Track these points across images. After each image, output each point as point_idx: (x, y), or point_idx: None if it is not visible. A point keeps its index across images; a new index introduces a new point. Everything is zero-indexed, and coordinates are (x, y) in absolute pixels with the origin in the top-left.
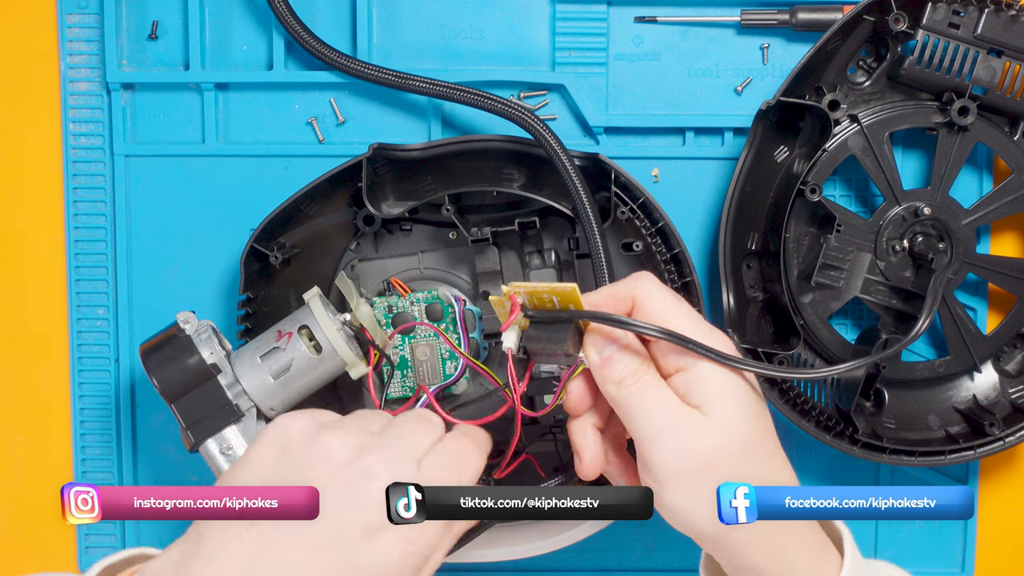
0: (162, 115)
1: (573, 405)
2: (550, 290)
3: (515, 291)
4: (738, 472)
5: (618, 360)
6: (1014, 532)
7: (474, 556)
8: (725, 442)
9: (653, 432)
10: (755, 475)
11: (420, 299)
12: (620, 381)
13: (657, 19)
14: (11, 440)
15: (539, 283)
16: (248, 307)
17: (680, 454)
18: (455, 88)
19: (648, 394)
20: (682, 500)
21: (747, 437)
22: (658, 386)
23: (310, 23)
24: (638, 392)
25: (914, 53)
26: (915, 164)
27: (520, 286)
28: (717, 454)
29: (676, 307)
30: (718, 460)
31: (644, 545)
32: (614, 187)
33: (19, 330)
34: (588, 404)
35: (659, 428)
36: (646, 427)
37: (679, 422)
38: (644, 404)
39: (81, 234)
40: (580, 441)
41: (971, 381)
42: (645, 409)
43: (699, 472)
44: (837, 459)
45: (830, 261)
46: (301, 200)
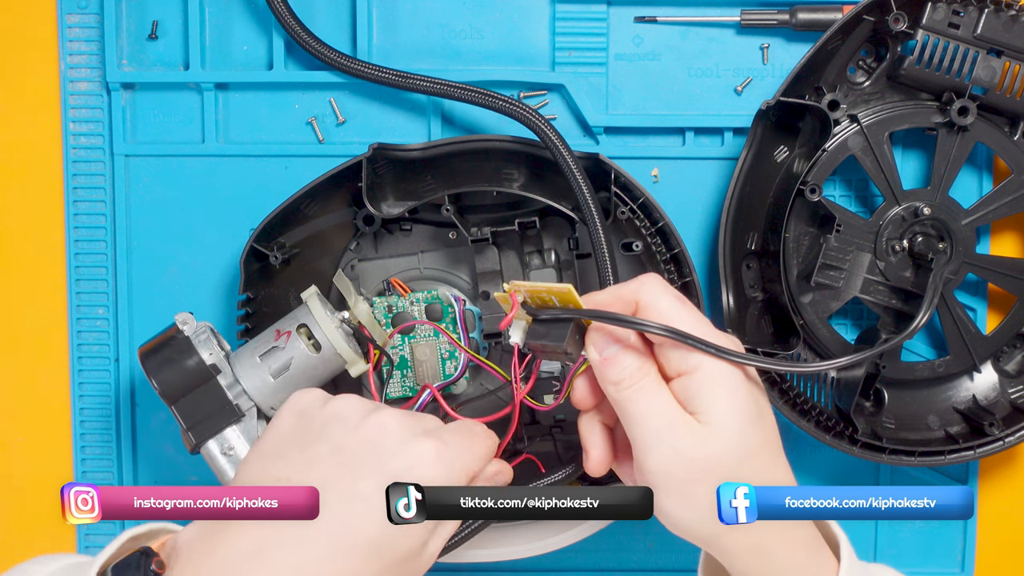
0: (162, 115)
1: (579, 400)
2: (548, 290)
3: (516, 289)
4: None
5: (618, 361)
6: (1014, 532)
7: (474, 556)
8: (721, 451)
9: (648, 437)
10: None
11: (420, 299)
12: (619, 382)
13: (657, 19)
14: (11, 440)
15: (538, 283)
16: (248, 307)
17: (673, 461)
18: (457, 86)
19: (646, 398)
20: (675, 506)
21: (745, 447)
22: (657, 390)
23: (310, 23)
24: (636, 395)
25: (914, 53)
26: (915, 164)
27: (520, 285)
28: (712, 463)
29: (681, 310)
30: (713, 469)
31: (644, 545)
32: (614, 187)
33: (19, 330)
34: (593, 400)
35: (654, 433)
36: (641, 431)
37: (674, 429)
38: (641, 408)
39: (81, 234)
40: (588, 438)
41: (971, 381)
42: (641, 413)
43: (693, 479)
44: (837, 459)
45: (830, 261)
46: (301, 200)
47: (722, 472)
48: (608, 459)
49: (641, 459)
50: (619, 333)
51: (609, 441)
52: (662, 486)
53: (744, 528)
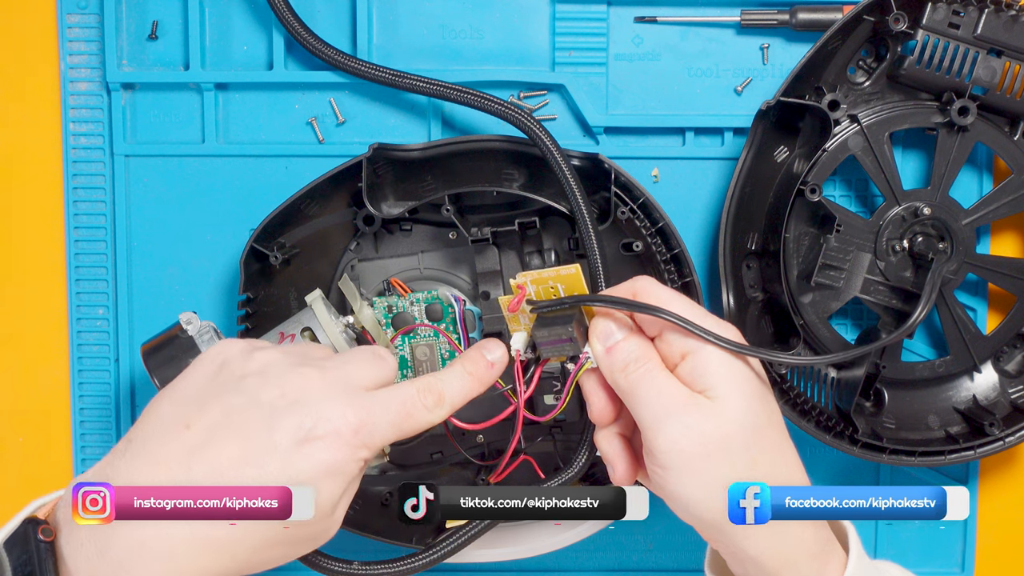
0: (162, 115)
1: (598, 415)
2: (555, 275)
3: (522, 281)
4: (745, 458)
5: (622, 347)
6: (1014, 532)
7: (474, 556)
8: (731, 426)
9: (658, 417)
10: (762, 463)
11: (420, 299)
12: (625, 367)
13: (657, 19)
14: (11, 440)
15: (544, 269)
16: (248, 307)
17: (684, 439)
18: (452, 88)
19: (653, 380)
20: (686, 486)
21: (753, 422)
22: (662, 373)
23: (310, 23)
24: (644, 378)
25: (914, 53)
26: (915, 164)
27: (527, 275)
28: (723, 438)
29: (677, 298)
30: (724, 444)
31: (644, 545)
32: (614, 187)
33: (19, 330)
34: (612, 413)
35: (665, 412)
36: (651, 412)
37: (684, 406)
38: (649, 390)
39: (81, 234)
40: (609, 451)
41: (971, 381)
42: (650, 395)
43: (704, 457)
44: (837, 459)
45: (830, 261)
46: (301, 200)
47: (734, 447)
48: (634, 469)
49: (651, 441)
50: (619, 323)
51: (630, 451)
52: (673, 466)
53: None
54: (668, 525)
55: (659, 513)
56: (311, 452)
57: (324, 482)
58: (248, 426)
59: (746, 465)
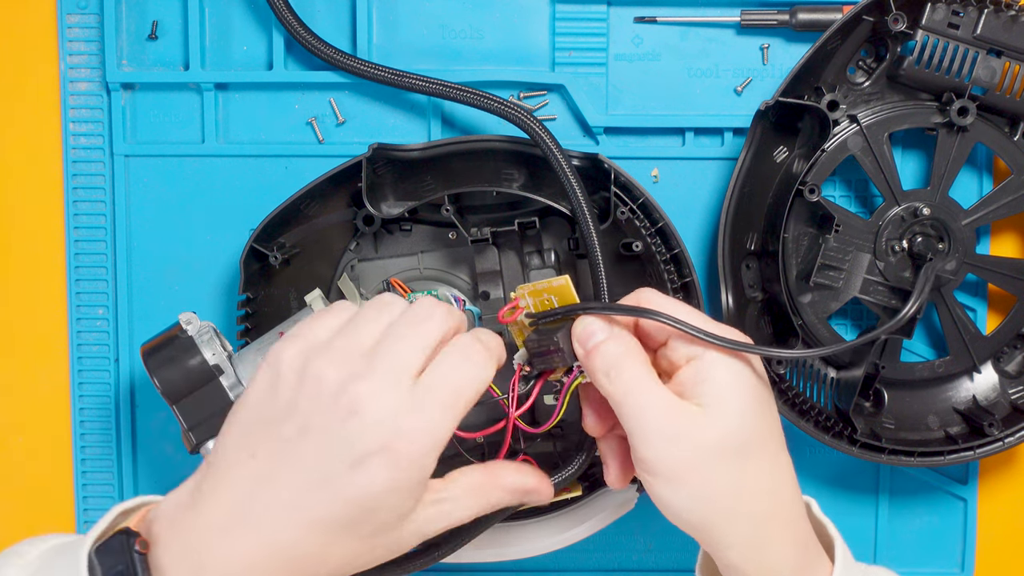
0: (162, 115)
1: (590, 428)
2: (548, 286)
3: (519, 295)
4: (733, 468)
5: (603, 349)
6: (1014, 532)
7: (474, 556)
8: (718, 436)
9: (642, 424)
10: (751, 472)
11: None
12: (608, 371)
13: (657, 19)
14: (11, 440)
15: (538, 282)
16: (248, 307)
17: (672, 447)
18: (452, 87)
19: (638, 385)
20: (672, 493)
21: (746, 435)
22: (648, 379)
23: (310, 23)
24: (629, 383)
25: (913, 53)
26: (915, 164)
27: (524, 288)
28: (711, 448)
29: (678, 305)
30: (712, 454)
31: (644, 545)
32: (614, 187)
33: (19, 330)
34: (603, 425)
35: (651, 420)
36: (636, 419)
37: (668, 414)
38: (636, 397)
39: (81, 234)
40: (605, 452)
41: (971, 381)
42: (635, 401)
43: (690, 465)
44: (837, 459)
45: (829, 261)
46: (301, 200)
47: (719, 459)
48: (628, 471)
49: (637, 449)
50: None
51: (626, 453)
52: (660, 472)
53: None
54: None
55: (659, 513)
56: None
57: (387, 498)
58: (304, 458)
59: (733, 475)
